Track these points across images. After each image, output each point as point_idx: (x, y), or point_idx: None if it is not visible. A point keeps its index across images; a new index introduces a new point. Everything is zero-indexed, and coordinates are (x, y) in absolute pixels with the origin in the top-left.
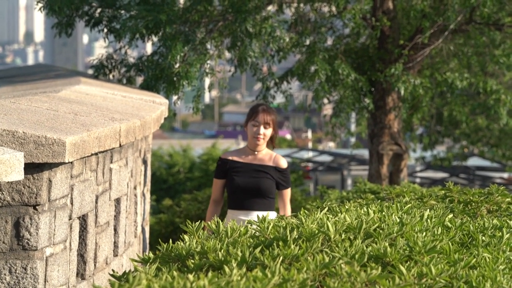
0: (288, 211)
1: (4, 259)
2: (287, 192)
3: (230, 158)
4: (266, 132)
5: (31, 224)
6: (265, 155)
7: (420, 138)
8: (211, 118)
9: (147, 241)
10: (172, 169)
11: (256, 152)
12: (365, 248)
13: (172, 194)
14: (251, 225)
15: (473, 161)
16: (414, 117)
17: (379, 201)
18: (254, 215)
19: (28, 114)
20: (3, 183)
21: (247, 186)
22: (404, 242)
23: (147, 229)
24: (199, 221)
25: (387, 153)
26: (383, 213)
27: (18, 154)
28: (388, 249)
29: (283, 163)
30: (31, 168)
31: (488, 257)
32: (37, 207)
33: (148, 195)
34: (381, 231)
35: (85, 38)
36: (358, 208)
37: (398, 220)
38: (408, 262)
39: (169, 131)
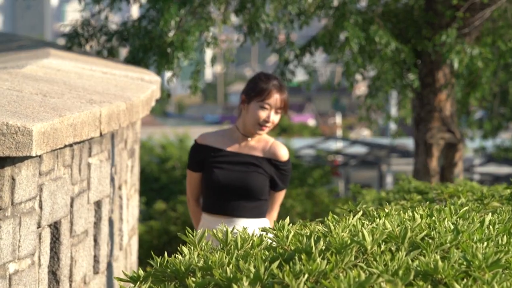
0: (274, 216)
1: None
2: (282, 194)
3: (210, 143)
4: (275, 119)
5: None
6: (259, 141)
7: (480, 123)
8: (213, 100)
9: (135, 254)
10: (165, 164)
11: (248, 138)
12: (410, 262)
13: (165, 196)
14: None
15: None
16: (472, 97)
17: (428, 203)
18: (240, 223)
19: None
20: None
21: (230, 183)
22: (460, 254)
23: (135, 239)
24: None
25: (437, 142)
26: (433, 218)
27: None
28: (440, 263)
29: (283, 154)
30: None
31: None
32: None
33: (136, 197)
34: (430, 240)
35: (54, 0)
36: (401, 212)
37: (452, 227)
38: (465, 280)
39: (161, 117)
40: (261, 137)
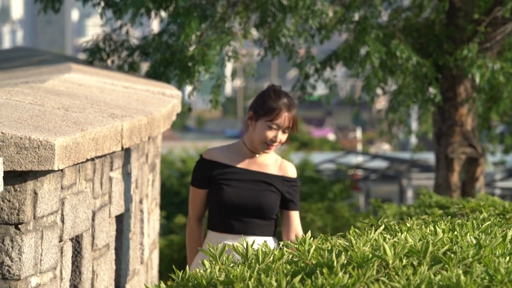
0: None
1: None
2: (297, 214)
3: (218, 159)
4: (283, 138)
5: (12, 248)
6: (268, 158)
7: (501, 137)
8: (233, 114)
9: (156, 268)
10: (185, 178)
11: (256, 155)
12: (432, 276)
13: (186, 210)
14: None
15: None
16: (493, 112)
17: (449, 217)
18: (250, 241)
19: (7, 109)
20: None
21: (243, 202)
22: (482, 269)
23: (156, 253)
24: (222, 243)
25: (458, 157)
26: (455, 232)
27: None
28: (462, 277)
29: (293, 172)
30: (12, 178)
31: None
32: (19, 226)
33: (157, 211)
34: (452, 255)
35: (75, 14)
36: (423, 226)
37: (474, 242)
38: None
39: (181, 131)
40: (270, 154)
